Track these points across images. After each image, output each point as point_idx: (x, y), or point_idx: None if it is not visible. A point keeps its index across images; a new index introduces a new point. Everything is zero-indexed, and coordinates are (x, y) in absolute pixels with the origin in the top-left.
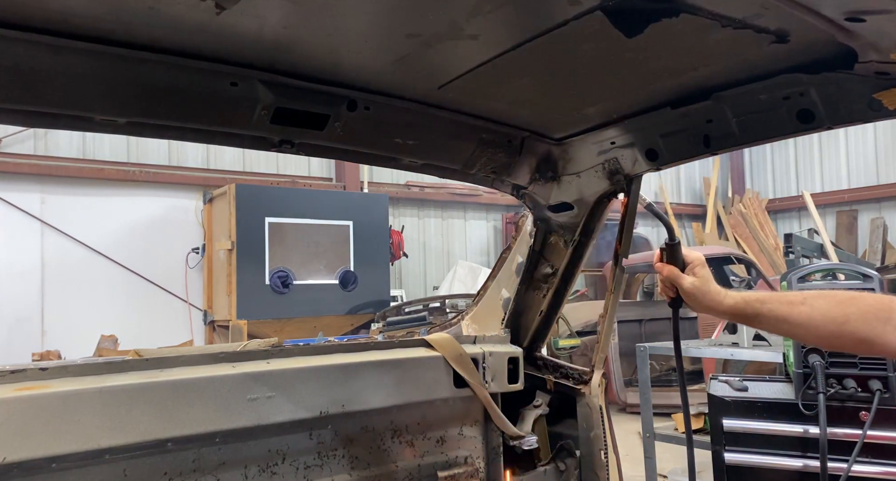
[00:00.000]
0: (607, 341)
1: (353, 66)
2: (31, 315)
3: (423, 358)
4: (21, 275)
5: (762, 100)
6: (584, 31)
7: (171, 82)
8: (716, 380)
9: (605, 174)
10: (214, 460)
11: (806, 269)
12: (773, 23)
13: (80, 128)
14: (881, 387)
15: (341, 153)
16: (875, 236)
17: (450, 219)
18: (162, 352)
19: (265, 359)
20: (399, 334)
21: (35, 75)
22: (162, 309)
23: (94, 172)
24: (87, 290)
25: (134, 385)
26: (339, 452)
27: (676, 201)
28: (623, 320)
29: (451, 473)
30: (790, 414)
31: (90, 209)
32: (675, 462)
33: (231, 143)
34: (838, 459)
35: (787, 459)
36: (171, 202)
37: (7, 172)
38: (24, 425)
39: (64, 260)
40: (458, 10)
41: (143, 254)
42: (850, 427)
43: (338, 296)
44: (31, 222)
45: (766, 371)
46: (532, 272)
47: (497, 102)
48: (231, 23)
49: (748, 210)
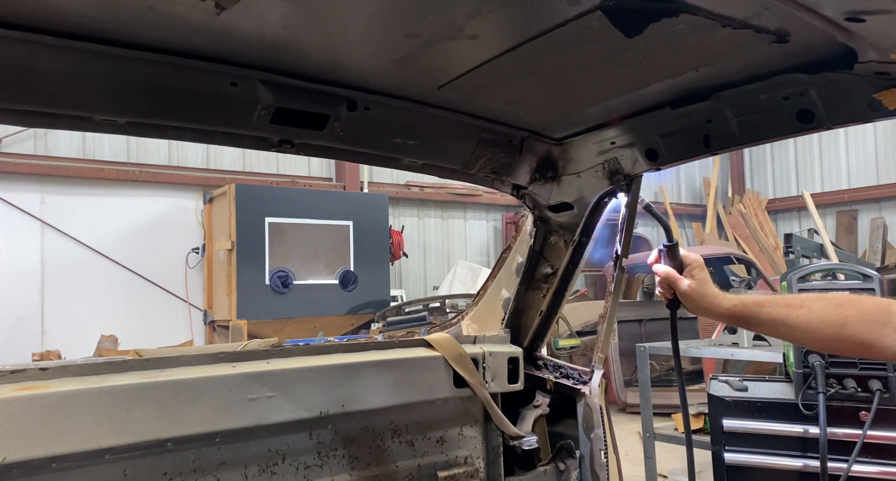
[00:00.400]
0: (607, 341)
1: (352, 66)
2: (31, 315)
3: (423, 358)
4: (21, 275)
5: (762, 100)
6: (584, 31)
7: (171, 82)
8: (716, 380)
9: (605, 174)
10: (214, 460)
11: (806, 269)
12: (773, 23)
13: (80, 129)
14: (881, 387)
15: (341, 153)
16: (875, 236)
17: (450, 219)
18: (162, 351)
19: (265, 358)
20: (399, 334)
21: (35, 75)
22: (162, 309)
23: (94, 172)
24: (87, 290)
25: (134, 385)
26: (339, 452)
27: (676, 201)
28: (623, 320)
29: (451, 473)
30: (790, 414)
31: (90, 209)
32: (675, 462)
33: (231, 143)
34: (838, 459)
35: (787, 459)
36: (171, 202)
37: (7, 172)
38: (24, 425)
39: (64, 260)
40: (458, 10)
41: (143, 254)
42: (850, 427)
43: (338, 296)
44: (31, 222)
45: (766, 371)
46: (532, 272)
47: (497, 102)
48: (231, 23)
49: (748, 210)
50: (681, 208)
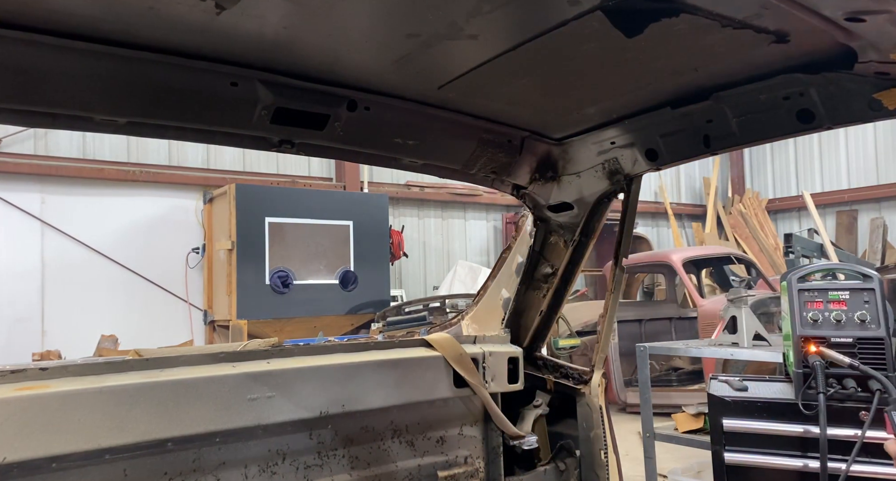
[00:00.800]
0: (607, 341)
1: (353, 66)
2: (31, 315)
3: (423, 358)
4: (21, 275)
5: (762, 100)
6: (584, 31)
7: (171, 82)
8: (716, 380)
9: (605, 174)
10: (214, 460)
11: (806, 269)
12: (773, 23)
13: (80, 128)
14: (881, 387)
15: (341, 153)
16: (875, 236)
17: (450, 219)
18: (162, 351)
19: (265, 358)
20: (399, 334)
21: (35, 75)
22: (162, 309)
23: (94, 172)
24: (87, 290)
25: (134, 385)
26: (339, 452)
27: (676, 201)
28: (623, 320)
29: (451, 473)
30: (790, 414)
31: (90, 209)
32: (675, 462)
33: (231, 143)
34: (838, 459)
35: (787, 459)
36: (172, 202)
37: (7, 172)
38: (24, 425)
39: (64, 260)
40: (458, 10)
41: (143, 254)
42: (850, 427)
43: (338, 295)
44: (31, 222)
45: (765, 371)
46: (532, 272)
47: (497, 102)
48: (231, 23)
49: (748, 210)
50: (681, 208)
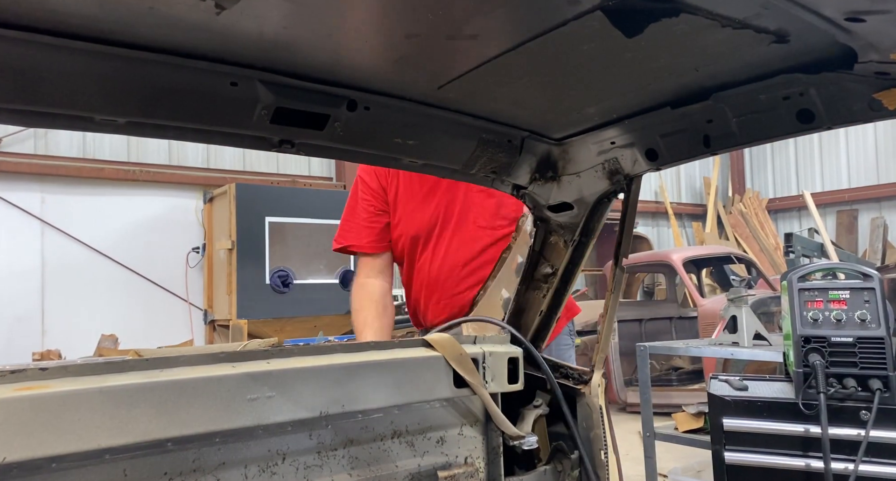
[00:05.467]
0: (607, 341)
1: (353, 66)
2: (31, 314)
3: (423, 358)
4: (21, 275)
5: (762, 100)
6: (584, 31)
7: (170, 82)
8: (716, 380)
9: (605, 174)
10: (214, 460)
11: (806, 269)
12: (773, 23)
13: (80, 128)
14: (881, 387)
15: (341, 153)
16: (875, 236)
17: None
18: (162, 351)
19: (265, 358)
20: (399, 334)
21: (35, 75)
22: (162, 308)
23: (94, 172)
24: (88, 290)
25: (134, 385)
26: (339, 452)
27: (676, 201)
28: (623, 320)
29: (451, 473)
30: (790, 413)
31: (90, 209)
32: (675, 461)
33: (231, 143)
34: (838, 459)
35: (788, 458)
36: (172, 202)
37: (7, 172)
38: (24, 425)
39: (64, 259)
40: (458, 10)
41: (143, 254)
42: (850, 426)
43: (338, 295)
44: (31, 222)
45: (766, 370)
46: (532, 272)
47: (497, 102)
48: (231, 23)
49: (748, 209)
50: (681, 208)
